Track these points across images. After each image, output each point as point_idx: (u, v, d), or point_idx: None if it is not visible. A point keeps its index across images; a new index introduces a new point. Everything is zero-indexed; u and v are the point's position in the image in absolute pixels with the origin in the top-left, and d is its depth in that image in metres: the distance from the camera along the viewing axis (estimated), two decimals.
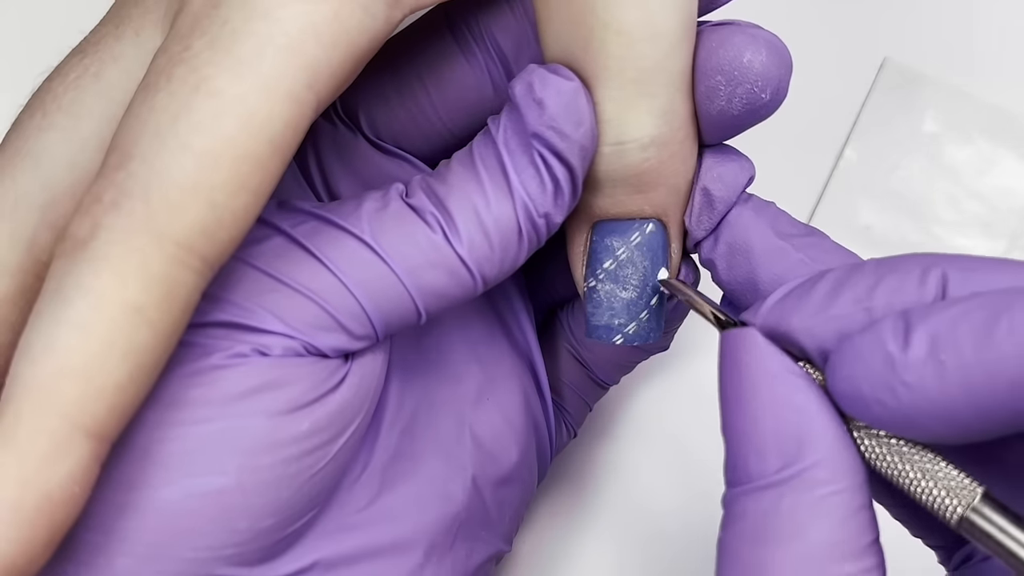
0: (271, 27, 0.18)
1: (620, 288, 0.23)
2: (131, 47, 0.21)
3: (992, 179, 0.35)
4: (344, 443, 0.21)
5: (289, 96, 0.18)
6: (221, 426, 0.19)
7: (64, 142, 0.20)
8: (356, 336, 0.21)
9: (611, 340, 0.23)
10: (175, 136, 0.17)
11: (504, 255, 0.21)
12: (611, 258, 0.23)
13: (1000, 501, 0.17)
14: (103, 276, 0.17)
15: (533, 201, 0.21)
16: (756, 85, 0.21)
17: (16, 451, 0.16)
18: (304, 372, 0.20)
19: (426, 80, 0.24)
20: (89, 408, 0.17)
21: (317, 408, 0.20)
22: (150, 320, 0.17)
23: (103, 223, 0.17)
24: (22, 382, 0.16)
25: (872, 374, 0.17)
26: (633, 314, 0.23)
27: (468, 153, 0.21)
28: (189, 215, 0.17)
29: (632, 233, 0.22)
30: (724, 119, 0.21)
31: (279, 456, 0.20)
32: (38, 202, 0.20)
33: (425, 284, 0.21)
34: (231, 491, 0.19)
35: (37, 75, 0.21)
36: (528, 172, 0.21)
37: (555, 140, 0.20)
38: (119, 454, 0.18)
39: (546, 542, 0.34)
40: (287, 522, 0.20)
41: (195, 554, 0.19)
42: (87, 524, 0.18)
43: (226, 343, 0.19)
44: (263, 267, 0.20)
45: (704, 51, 0.21)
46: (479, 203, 0.21)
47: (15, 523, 0.16)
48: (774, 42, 0.21)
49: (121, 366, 0.17)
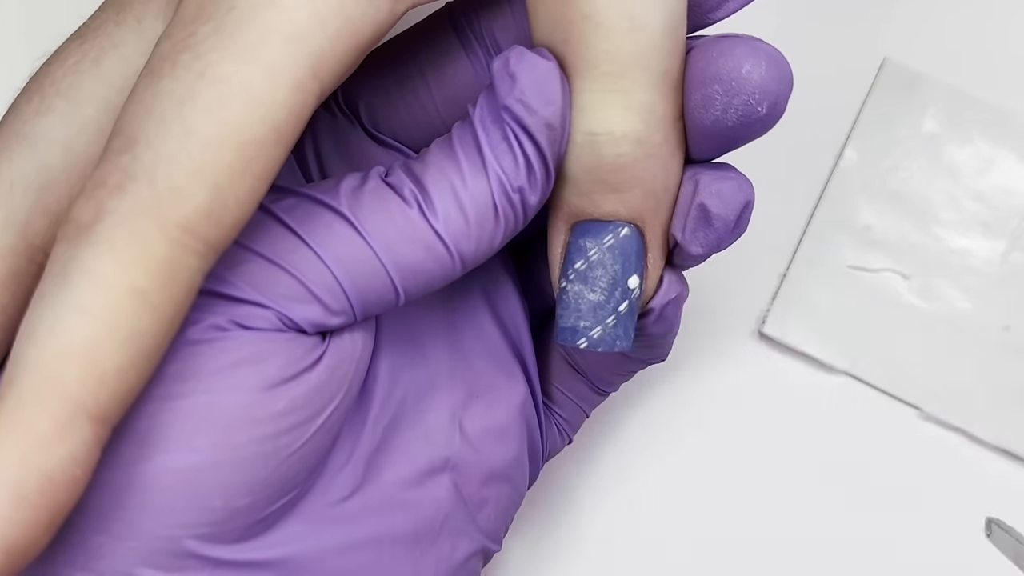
0: (277, 15, 0.18)
1: (588, 290, 0.23)
2: (131, 34, 0.21)
3: (992, 179, 0.35)
4: (322, 424, 0.21)
5: (293, 84, 0.18)
6: (195, 401, 0.19)
7: (62, 126, 0.20)
8: (332, 311, 0.21)
9: (575, 343, 0.23)
10: (180, 121, 0.17)
11: (481, 231, 0.21)
12: (582, 259, 0.23)
13: None
14: (107, 260, 0.17)
15: (507, 175, 0.21)
16: (753, 97, 0.21)
17: (18, 432, 0.16)
18: (281, 348, 0.20)
19: (427, 74, 0.24)
20: (92, 391, 0.16)
21: (293, 386, 0.20)
22: (153, 304, 0.17)
23: (107, 206, 0.17)
24: (24, 364, 0.16)
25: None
26: (599, 318, 0.23)
27: (447, 136, 0.22)
28: (194, 199, 0.17)
29: (606, 235, 0.22)
30: (718, 130, 0.21)
31: (255, 434, 0.19)
32: (34, 186, 0.20)
33: (401, 259, 0.21)
34: (205, 468, 0.19)
35: (35, 59, 0.21)
36: (501, 147, 0.21)
37: (523, 114, 0.21)
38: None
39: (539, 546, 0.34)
40: (264, 503, 0.20)
41: (170, 531, 0.19)
42: None
43: (202, 314, 0.19)
44: (240, 240, 0.20)
45: (703, 60, 0.21)
46: (455, 179, 0.21)
47: (16, 504, 0.16)
48: (776, 56, 0.21)
49: (123, 350, 0.17)
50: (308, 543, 0.21)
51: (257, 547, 0.20)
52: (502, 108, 0.21)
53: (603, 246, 0.22)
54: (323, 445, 0.21)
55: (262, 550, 0.21)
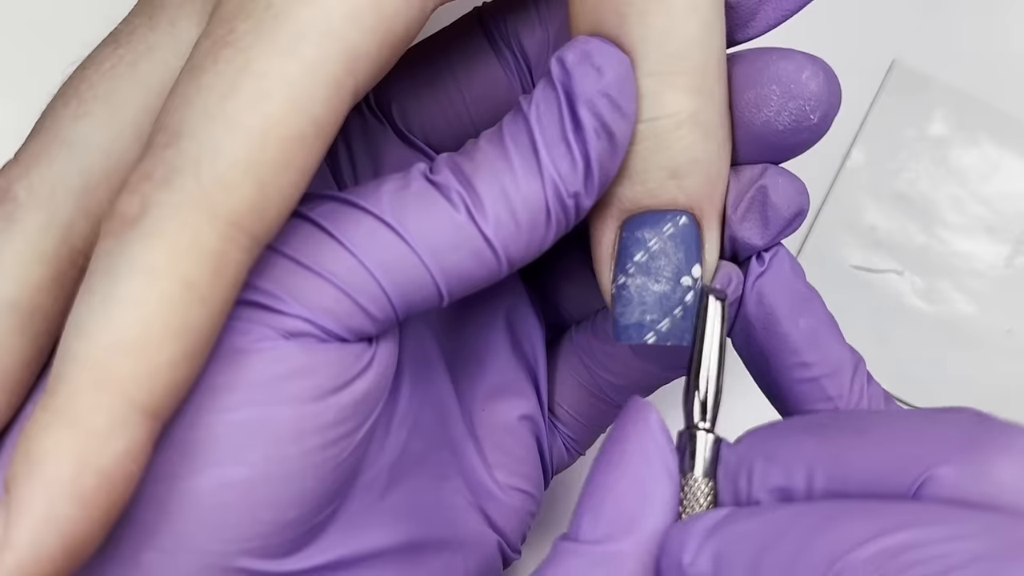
0: (314, 12, 0.18)
1: (652, 281, 0.22)
2: (166, 37, 0.21)
3: (998, 183, 0.36)
4: (366, 433, 0.21)
5: (331, 80, 0.18)
6: (247, 414, 0.19)
7: (101, 130, 0.20)
8: (377, 320, 0.20)
9: (643, 339, 0.22)
10: (223, 114, 0.17)
11: (531, 236, 0.20)
12: (642, 250, 0.22)
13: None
14: (156, 252, 0.17)
15: (563, 180, 0.20)
16: (809, 103, 0.21)
17: (73, 428, 0.16)
18: (330, 359, 0.20)
19: (459, 76, 0.24)
20: (145, 385, 0.17)
21: (343, 396, 0.20)
22: (203, 297, 0.17)
23: (154, 199, 0.17)
24: (75, 359, 0.16)
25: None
26: (667, 309, 0.22)
27: (497, 131, 0.21)
28: (239, 192, 0.17)
29: (665, 224, 0.22)
30: (767, 132, 0.21)
31: (305, 446, 0.19)
32: (75, 189, 0.20)
33: (448, 265, 0.20)
34: (256, 482, 0.19)
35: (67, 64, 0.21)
36: (559, 149, 0.20)
37: (607, 110, 0.20)
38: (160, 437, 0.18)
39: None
40: (311, 514, 0.20)
41: (221, 546, 0.19)
42: None
43: (248, 326, 0.19)
44: (282, 249, 0.20)
45: (761, 61, 0.21)
46: (507, 181, 0.20)
47: (74, 500, 0.16)
48: (830, 71, 0.21)
49: (175, 343, 0.17)
50: (344, 550, 0.21)
51: (300, 558, 0.20)
52: (584, 103, 0.20)
53: (664, 235, 0.22)
54: (363, 454, 0.22)
55: (304, 560, 0.21)
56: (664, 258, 0.22)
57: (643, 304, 0.22)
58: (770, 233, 0.23)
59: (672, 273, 0.22)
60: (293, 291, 0.19)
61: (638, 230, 0.22)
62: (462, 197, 0.20)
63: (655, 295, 0.22)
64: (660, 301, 0.22)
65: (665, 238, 0.22)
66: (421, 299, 0.20)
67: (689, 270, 0.22)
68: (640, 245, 0.22)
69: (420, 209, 0.20)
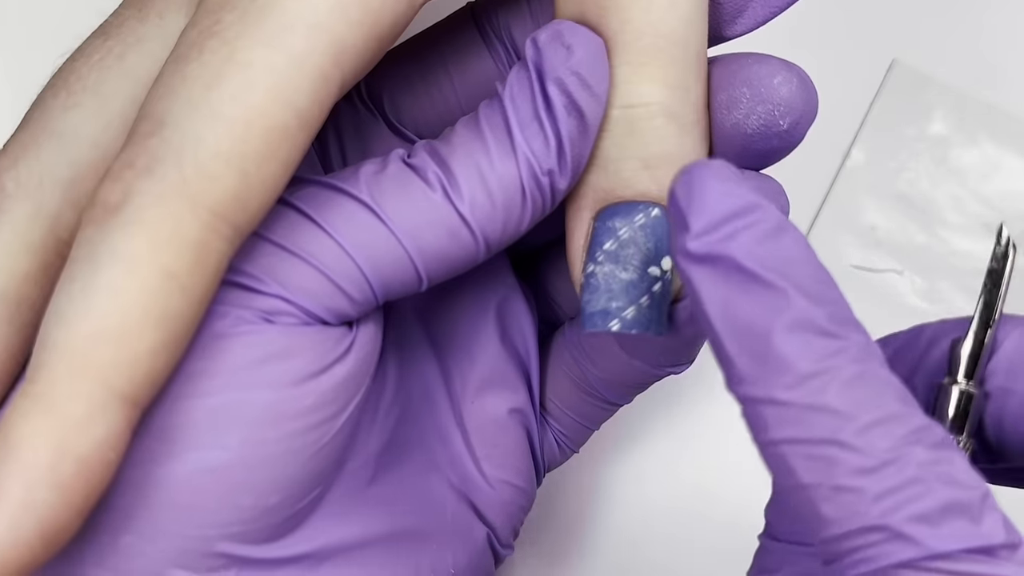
0: (300, 5, 0.18)
1: (620, 268, 0.22)
2: (154, 29, 0.21)
3: (998, 183, 0.36)
4: (347, 417, 0.21)
5: (316, 71, 0.18)
6: (225, 399, 0.19)
7: (89, 121, 0.20)
8: (356, 301, 0.20)
9: (607, 326, 0.22)
10: (207, 104, 0.17)
11: (508, 215, 0.21)
12: (612, 238, 0.22)
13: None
14: (137, 240, 0.17)
15: (536, 157, 0.20)
16: (778, 109, 0.21)
17: (52, 414, 0.16)
18: (309, 342, 0.20)
19: (451, 70, 0.24)
20: (124, 373, 0.17)
21: (323, 380, 0.20)
22: (183, 286, 0.17)
23: (136, 188, 0.17)
24: (55, 346, 0.17)
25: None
26: (633, 297, 0.22)
27: (474, 115, 0.21)
28: (222, 182, 0.17)
29: (636, 214, 0.22)
30: (736, 135, 0.21)
31: (284, 430, 0.19)
32: (62, 180, 0.20)
33: (425, 245, 0.20)
34: (235, 466, 0.19)
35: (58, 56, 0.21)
36: (532, 128, 0.20)
37: (576, 88, 0.20)
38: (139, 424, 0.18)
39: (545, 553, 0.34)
40: (293, 500, 0.20)
41: (200, 531, 0.19)
42: None
43: (228, 308, 0.19)
44: (260, 231, 0.20)
45: (736, 63, 0.21)
46: (482, 161, 0.20)
47: (52, 486, 0.16)
48: (806, 79, 0.21)
49: (155, 332, 0.17)
50: (330, 537, 0.21)
51: (285, 545, 0.20)
52: (553, 80, 0.20)
53: (634, 225, 0.22)
54: (346, 439, 0.22)
55: (289, 547, 0.21)
56: (633, 247, 0.22)
57: (609, 291, 0.22)
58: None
59: (640, 262, 0.22)
60: (271, 272, 0.20)
61: (610, 219, 0.22)
62: (439, 177, 0.20)
63: (622, 283, 0.22)
64: (627, 289, 0.22)
65: (636, 228, 0.22)
66: (400, 281, 0.21)
67: (658, 261, 0.22)
68: (610, 234, 0.22)
69: (397, 190, 0.20)
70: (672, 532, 0.35)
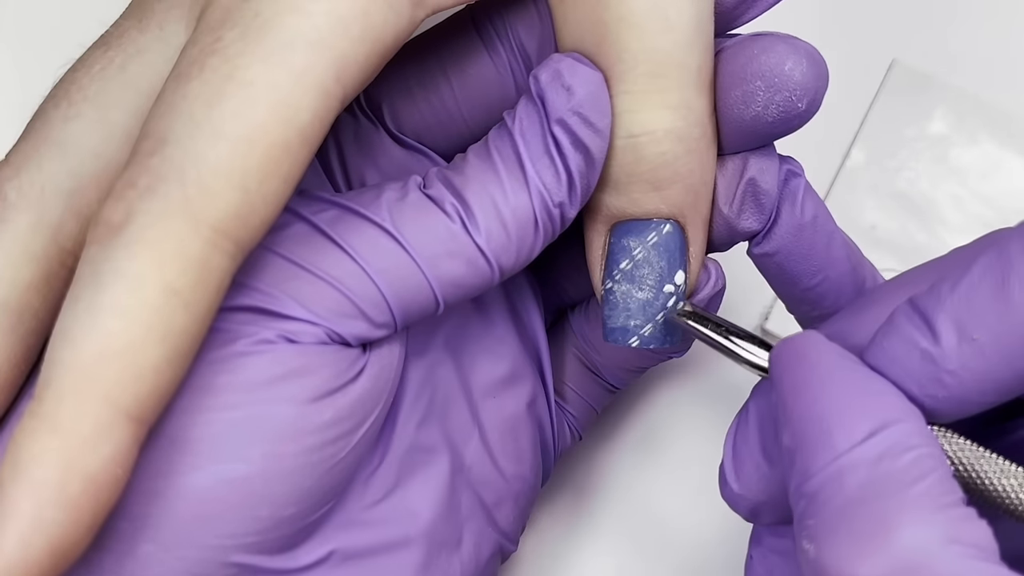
0: (301, 21, 0.18)
1: (636, 288, 0.23)
2: (155, 40, 0.21)
3: (998, 182, 0.36)
4: (364, 433, 0.21)
5: (318, 88, 0.18)
6: (246, 413, 0.19)
7: (90, 131, 0.21)
8: (376, 324, 0.21)
9: (627, 342, 0.23)
10: (209, 122, 0.18)
11: (521, 245, 0.21)
12: (627, 258, 0.23)
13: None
14: (140, 259, 0.17)
15: (548, 191, 0.21)
16: (795, 94, 0.21)
17: (60, 433, 0.16)
18: (327, 360, 0.20)
19: (451, 75, 0.25)
20: (130, 391, 0.17)
21: (339, 397, 0.20)
22: (187, 303, 0.17)
23: (138, 207, 0.17)
24: (62, 365, 0.17)
25: (916, 373, 0.18)
26: (649, 315, 0.23)
27: (484, 145, 0.22)
28: (223, 199, 0.18)
29: (648, 233, 0.23)
30: (757, 126, 0.22)
31: (302, 445, 0.20)
32: (64, 190, 0.20)
33: (444, 273, 0.21)
34: (255, 478, 0.19)
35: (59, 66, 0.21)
36: (543, 162, 0.21)
37: (579, 127, 0.21)
38: (146, 440, 0.19)
39: (549, 544, 0.34)
40: (307, 511, 0.21)
41: (218, 541, 0.19)
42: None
43: (251, 328, 0.20)
44: (286, 254, 0.20)
45: (744, 57, 0.21)
46: (496, 193, 0.21)
47: (61, 505, 0.16)
48: (814, 54, 0.22)
49: (159, 349, 0.17)
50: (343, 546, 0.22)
51: (298, 555, 0.21)
52: (556, 122, 0.21)
53: (647, 244, 0.23)
54: (362, 453, 0.22)
55: (301, 557, 0.21)
56: (647, 267, 0.23)
57: (627, 310, 0.23)
58: (767, 214, 0.23)
59: (655, 281, 0.23)
60: (295, 294, 0.20)
61: (624, 237, 0.23)
62: (456, 209, 0.21)
63: (639, 302, 0.23)
64: (643, 307, 0.23)
65: (649, 247, 0.23)
66: (419, 305, 0.21)
67: (672, 278, 0.23)
68: (625, 253, 0.23)
69: (418, 219, 0.21)
70: (678, 525, 0.35)
